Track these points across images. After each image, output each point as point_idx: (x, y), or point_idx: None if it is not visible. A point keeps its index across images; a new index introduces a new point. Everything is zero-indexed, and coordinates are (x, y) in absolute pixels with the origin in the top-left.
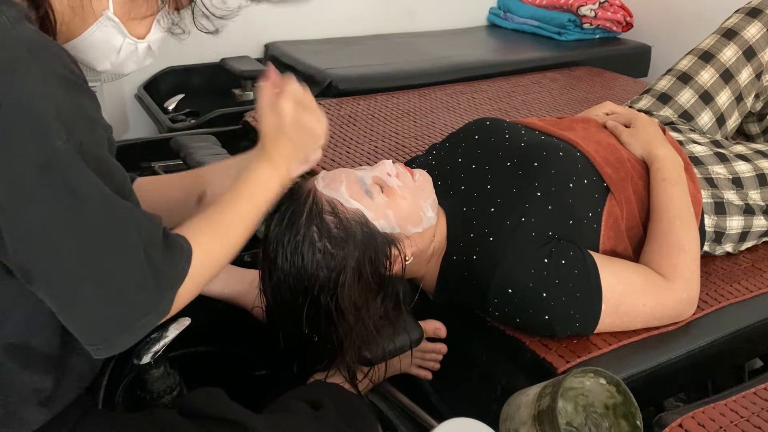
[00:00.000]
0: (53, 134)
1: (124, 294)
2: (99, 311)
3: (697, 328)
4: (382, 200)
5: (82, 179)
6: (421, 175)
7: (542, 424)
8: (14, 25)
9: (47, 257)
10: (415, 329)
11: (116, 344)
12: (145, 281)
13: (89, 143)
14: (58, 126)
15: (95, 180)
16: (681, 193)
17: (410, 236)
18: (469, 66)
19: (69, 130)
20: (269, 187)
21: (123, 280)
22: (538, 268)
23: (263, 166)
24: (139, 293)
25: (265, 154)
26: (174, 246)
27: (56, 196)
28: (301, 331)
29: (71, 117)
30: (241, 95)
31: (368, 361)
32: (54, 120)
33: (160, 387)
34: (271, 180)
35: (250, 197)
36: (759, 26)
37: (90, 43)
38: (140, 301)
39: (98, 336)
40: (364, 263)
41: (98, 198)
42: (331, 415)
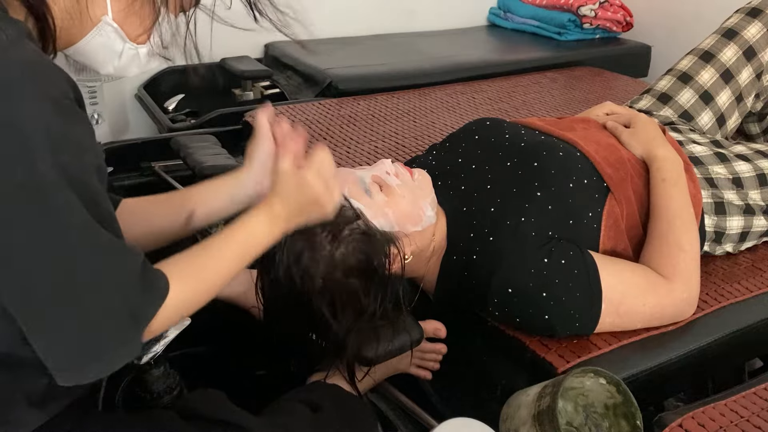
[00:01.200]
0: (38, 158)
1: (95, 325)
2: (68, 340)
3: (697, 328)
4: (381, 199)
5: (64, 205)
6: (420, 175)
7: (542, 424)
8: (13, 45)
9: (19, 280)
10: (415, 329)
11: (83, 373)
12: (118, 316)
13: (76, 169)
14: (44, 150)
15: (78, 207)
16: (681, 193)
17: (409, 235)
18: (469, 66)
19: (56, 155)
20: (262, 242)
21: (94, 311)
22: (538, 268)
23: (263, 221)
24: (110, 327)
25: (270, 210)
26: (151, 284)
27: (34, 220)
28: (300, 331)
29: (60, 141)
30: (241, 95)
31: (368, 361)
32: (41, 143)
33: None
34: (266, 236)
35: (242, 248)
36: (759, 26)
37: (91, 48)
38: (111, 335)
39: (64, 363)
40: (363, 262)
41: (78, 225)
42: (331, 417)
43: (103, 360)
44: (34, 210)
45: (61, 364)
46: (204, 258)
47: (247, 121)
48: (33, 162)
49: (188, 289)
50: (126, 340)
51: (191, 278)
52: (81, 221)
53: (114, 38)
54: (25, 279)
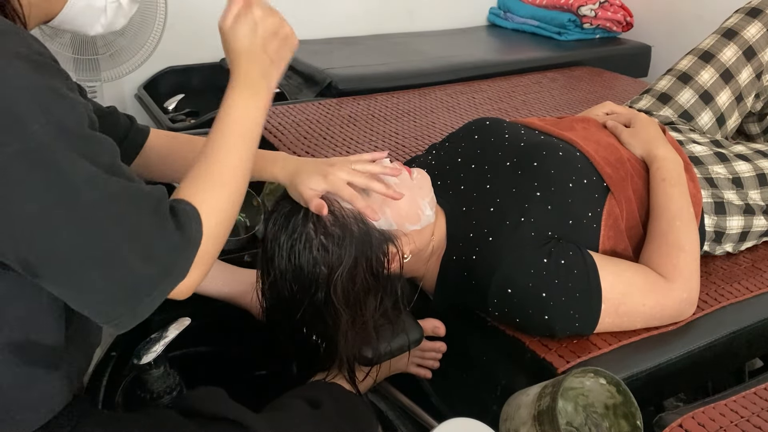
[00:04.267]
0: (29, 119)
1: (135, 267)
2: (112, 289)
3: (697, 328)
4: (380, 198)
5: (69, 162)
6: (419, 174)
7: (542, 424)
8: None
9: (49, 249)
10: (414, 329)
11: (138, 312)
12: (155, 248)
13: (71, 122)
14: (32, 109)
15: (82, 162)
16: (681, 193)
17: (408, 234)
18: (469, 66)
19: (45, 112)
20: (255, 115)
21: (130, 254)
22: (537, 268)
23: (243, 94)
24: (150, 262)
25: (242, 77)
26: (178, 212)
27: (45, 185)
28: (300, 331)
29: (45, 97)
30: None
31: (368, 361)
32: (27, 104)
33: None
34: (255, 107)
35: (241, 133)
36: (759, 26)
37: (75, 14)
38: (153, 270)
39: (119, 309)
40: (361, 260)
41: (88, 180)
42: (330, 413)
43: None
44: (40, 174)
45: (114, 312)
46: (212, 166)
47: None
48: (24, 125)
49: (217, 202)
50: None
51: (213, 191)
52: (89, 174)
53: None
54: (51, 247)
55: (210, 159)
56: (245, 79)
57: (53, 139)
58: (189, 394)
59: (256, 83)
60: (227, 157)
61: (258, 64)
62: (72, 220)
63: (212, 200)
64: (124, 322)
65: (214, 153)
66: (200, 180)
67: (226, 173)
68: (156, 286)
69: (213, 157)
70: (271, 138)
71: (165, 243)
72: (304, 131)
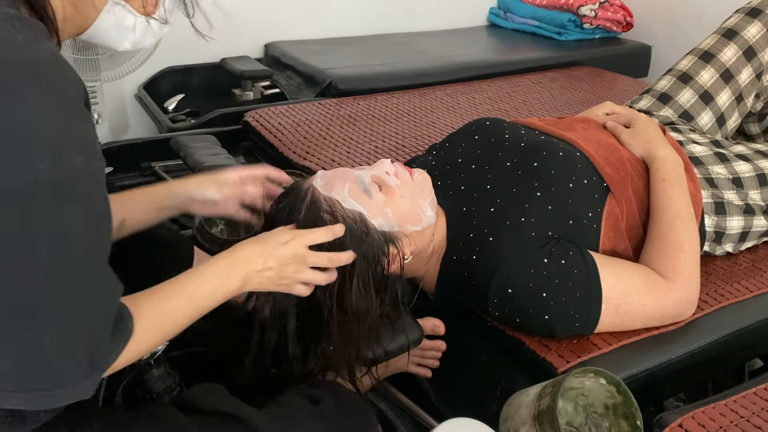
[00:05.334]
0: (36, 162)
1: (53, 357)
2: (24, 365)
3: (697, 328)
4: (381, 199)
5: (60, 213)
6: (420, 174)
7: (542, 424)
8: (28, 46)
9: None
10: (415, 329)
11: (31, 400)
12: (80, 355)
13: (84, 172)
14: (44, 154)
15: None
16: (681, 193)
17: (409, 235)
18: (469, 66)
19: (58, 159)
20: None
21: (61, 340)
22: (537, 268)
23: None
24: (68, 365)
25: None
26: (119, 329)
27: (17, 227)
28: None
29: (65, 145)
30: (241, 95)
31: (369, 361)
32: (41, 149)
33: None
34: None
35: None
36: (759, 26)
37: (103, 30)
38: (66, 373)
39: (18, 382)
40: (362, 261)
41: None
42: (331, 409)
43: (55, 393)
44: (21, 211)
45: (13, 384)
46: (171, 305)
47: (247, 121)
48: (30, 166)
49: (149, 337)
50: (82, 380)
51: (155, 326)
52: (79, 233)
53: (124, 15)
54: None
55: (174, 301)
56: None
57: (53, 185)
58: (189, 391)
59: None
60: (186, 311)
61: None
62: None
63: (147, 336)
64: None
65: (179, 299)
66: (153, 311)
67: (175, 322)
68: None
69: (177, 302)
70: (271, 138)
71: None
72: (304, 131)
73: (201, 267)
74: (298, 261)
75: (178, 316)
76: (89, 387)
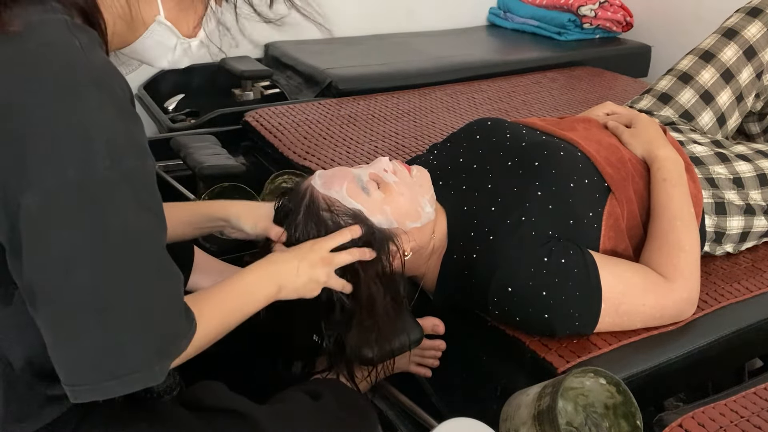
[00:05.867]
0: (99, 160)
1: (125, 348)
2: (94, 354)
3: (697, 328)
4: (379, 196)
5: (122, 211)
6: (418, 171)
7: (542, 424)
8: (86, 52)
9: (58, 284)
10: (415, 328)
11: (99, 391)
12: (150, 346)
13: (139, 173)
14: (106, 153)
15: (134, 215)
16: (681, 193)
17: (408, 232)
18: (469, 66)
19: (118, 159)
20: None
21: (131, 334)
22: (538, 267)
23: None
24: (138, 354)
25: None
26: (187, 320)
27: (86, 222)
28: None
29: (123, 146)
30: (241, 95)
31: (368, 361)
32: (103, 148)
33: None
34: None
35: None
36: (759, 26)
37: (145, 47)
38: (137, 362)
39: (84, 378)
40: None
41: (131, 236)
42: (331, 405)
43: (123, 383)
44: (87, 210)
45: (80, 378)
46: (231, 302)
47: (247, 121)
48: (92, 163)
49: (210, 332)
50: (150, 371)
51: (215, 321)
52: (135, 231)
53: (168, 35)
54: (62, 282)
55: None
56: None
57: (113, 185)
58: (190, 389)
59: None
60: (244, 307)
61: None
62: (95, 263)
63: (208, 331)
64: (83, 393)
65: (241, 297)
66: (215, 307)
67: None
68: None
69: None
70: (271, 138)
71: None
72: (304, 131)
73: (244, 273)
74: (325, 263)
75: (233, 315)
76: (158, 374)
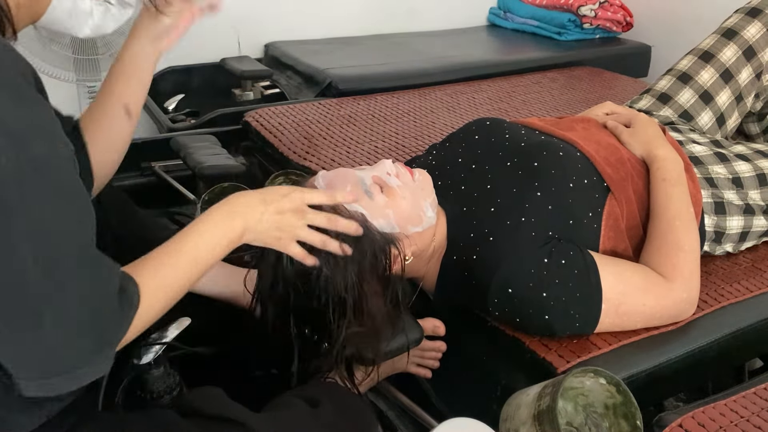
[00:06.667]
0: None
1: (58, 342)
2: (30, 352)
3: (697, 328)
4: (382, 200)
5: (32, 205)
6: (421, 175)
7: (542, 424)
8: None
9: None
10: (415, 329)
11: (46, 387)
12: (84, 336)
13: (51, 159)
14: (6, 144)
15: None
16: (681, 193)
17: (410, 236)
18: (469, 66)
19: (20, 146)
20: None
21: (59, 326)
22: (538, 267)
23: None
24: (72, 345)
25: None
26: (124, 303)
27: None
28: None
29: (24, 132)
30: (241, 95)
31: (368, 361)
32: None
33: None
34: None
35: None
36: (759, 26)
37: (60, 15)
38: (72, 354)
39: (29, 374)
40: (363, 262)
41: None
42: (329, 412)
43: (67, 379)
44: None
45: (26, 374)
46: (175, 264)
47: (247, 121)
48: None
49: (158, 301)
50: (92, 364)
51: (161, 289)
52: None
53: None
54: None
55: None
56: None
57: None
58: (187, 395)
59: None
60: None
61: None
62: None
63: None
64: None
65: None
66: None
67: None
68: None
69: (179, 260)
70: (271, 138)
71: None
72: (304, 131)
73: (198, 220)
74: (296, 214)
75: (184, 274)
76: (103, 364)
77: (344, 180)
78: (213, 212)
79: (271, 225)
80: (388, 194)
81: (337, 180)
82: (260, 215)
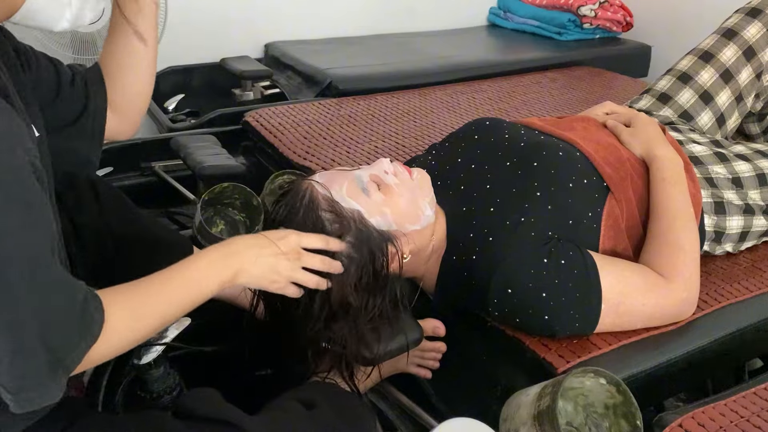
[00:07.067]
0: None
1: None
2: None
3: (697, 328)
4: (379, 198)
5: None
6: (419, 174)
7: (542, 424)
8: None
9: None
10: (414, 329)
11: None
12: (33, 360)
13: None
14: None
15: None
16: (681, 193)
17: (408, 234)
18: (469, 66)
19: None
20: (212, 288)
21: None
22: (537, 268)
23: (215, 256)
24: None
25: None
26: (83, 325)
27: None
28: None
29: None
30: (241, 95)
31: (368, 361)
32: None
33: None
34: (217, 282)
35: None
36: (759, 26)
37: (38, 8)
38: (19, 378)
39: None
40: (361, 260)
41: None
42: (326, 413)
43: (17, 401)
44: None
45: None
46: (163, 295)
47: (247, 121)
48: None
49: (130, 331)
50: (42, 389)
51: (143, 317)
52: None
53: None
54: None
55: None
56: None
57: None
58: (183, 396)
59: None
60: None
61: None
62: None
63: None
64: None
65: (156, 292)
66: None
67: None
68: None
69: (154, 289)
70: (271, 138)
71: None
72: (304, 131)
73: (195, 257)
74: (291, 258)
75: (168, 307)
76: (54, 389)
77: (341, 178)
78: (210, 251)
79: (267, 268)
80: (385, 192)
81: (334, 179)
82: (255, 258)
